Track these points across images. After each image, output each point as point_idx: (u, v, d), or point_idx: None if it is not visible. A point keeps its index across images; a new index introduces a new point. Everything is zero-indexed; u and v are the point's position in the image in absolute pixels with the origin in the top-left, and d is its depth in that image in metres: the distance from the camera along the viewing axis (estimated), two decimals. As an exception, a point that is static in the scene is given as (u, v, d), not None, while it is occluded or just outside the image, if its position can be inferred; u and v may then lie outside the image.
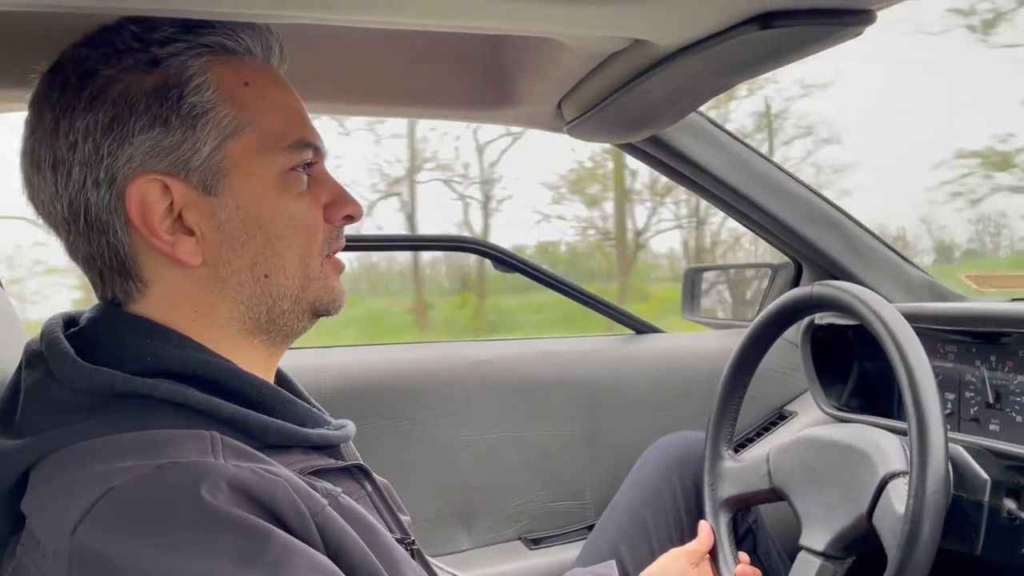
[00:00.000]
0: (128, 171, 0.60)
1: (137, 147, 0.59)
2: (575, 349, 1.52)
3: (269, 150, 0.63)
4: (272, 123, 0.64)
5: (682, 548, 1.04)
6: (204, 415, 0.58)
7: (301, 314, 0.67)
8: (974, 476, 0.90)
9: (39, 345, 0.62)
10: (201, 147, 0.61)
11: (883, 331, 0.86)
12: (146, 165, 0.60)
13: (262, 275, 0.64)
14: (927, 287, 1.46)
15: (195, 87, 0.61)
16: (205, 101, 0.61)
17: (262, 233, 0.63)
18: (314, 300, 0.67)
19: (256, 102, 0.63)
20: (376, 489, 0.69)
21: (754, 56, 0.75)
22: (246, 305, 0.64)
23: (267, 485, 0.53)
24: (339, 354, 1.40)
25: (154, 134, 0.60)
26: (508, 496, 1.42)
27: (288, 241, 0.64)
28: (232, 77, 0.63)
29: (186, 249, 0.61)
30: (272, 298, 0.65)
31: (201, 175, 0.61)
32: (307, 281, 0.66)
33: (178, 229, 0.61)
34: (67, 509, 0.51)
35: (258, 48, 0.65)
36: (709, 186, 1.36)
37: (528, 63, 1.00)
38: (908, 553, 0.77)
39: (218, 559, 0.49)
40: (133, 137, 0.59)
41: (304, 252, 0.65)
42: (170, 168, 0.60)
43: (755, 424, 1.54)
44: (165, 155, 0.60)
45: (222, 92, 0.62)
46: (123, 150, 0.59)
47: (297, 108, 0.67)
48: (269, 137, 0.63)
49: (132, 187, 0.60)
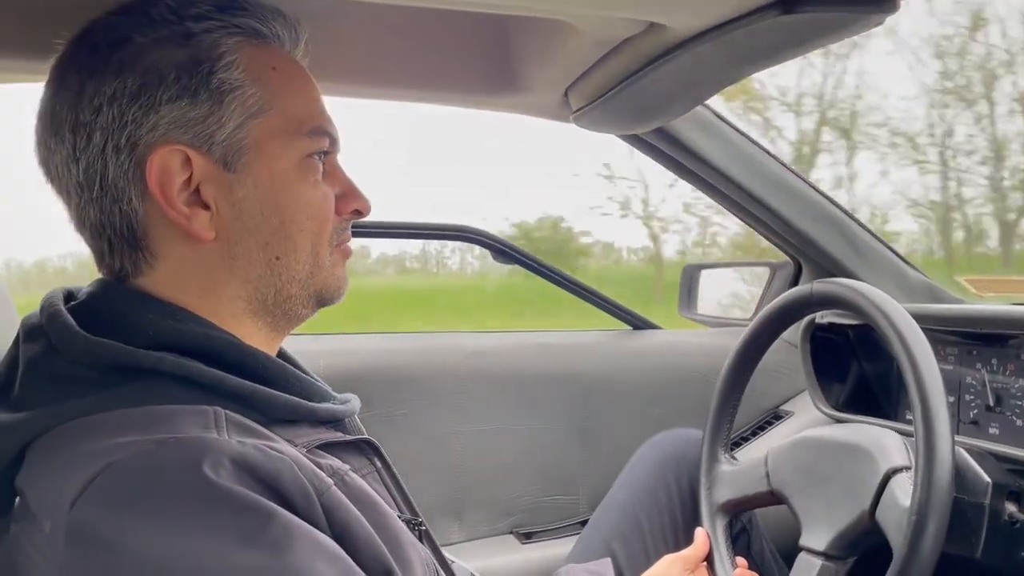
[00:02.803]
0: (151, 139, 0.60)
1: (163, 116, 0.60)
2: (571, 343, 1.51)
3: (291, 134, 0.64)
4: (295, 108, 0.64)
5: (678, 554, 1.03)
6: (208, 389, 0.57)
7: (307, 300, 0.68)
8: (975, 478, 0.90)
9: (39, 318, 0.61)
10: (226, 123, 0.61)
11: (885, 322, 0.85)
12: (170, 135, 0.60)
13: (273, 256, 0.64)
14: (926, 290, 1.46)
15: (225, 64, 0.61)
16: (233, 79, 0.61)
17: (277, 215, 0.63)
18: (321, 287, 0.68)
19: (281, 86, 0.64)
20: (386, 465, 0.68)
21: (771, 43, 0.74)
22: (254, 285, 0.64)
23: (272, 463, 0.52)
24: (333, 341, 1.39)
25: (181, 105, 0.60)
26: (501, 489, 1.41)
27: (302, 226, 0.65)
28: (261, 60, 0.64)
29: (201, 223, 0.61)
30: (281, 280, 0.65)
31: (223, 150, 0.61)
32: (316, 268, 0.67)
33: (194, 202, 0.61)
34: (65, 484, 0.50)
35: (286, 38, 0.67)
36: (712, 180, 1.36)
37: (537, 49, 0.99)
38: (915, 545, 0.76)
39: (219, 537, 0.48)
40: (160, 106, 0.59)
41: (316, 239, 0.66)
42: (193, 140, 0.61)
43: (750, 424, 1.54)
44: (190, 127, 0.60)
45: (251, 73, 0.62)
46: (148, 118, 0.59)
47: (317, 97, 0.68)
48: (291, 121, 0.64)
49: (154, 156, 0.60)
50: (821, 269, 1.47)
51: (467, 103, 1.17)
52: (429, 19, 0.98)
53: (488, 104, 1.17)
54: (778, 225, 1.42)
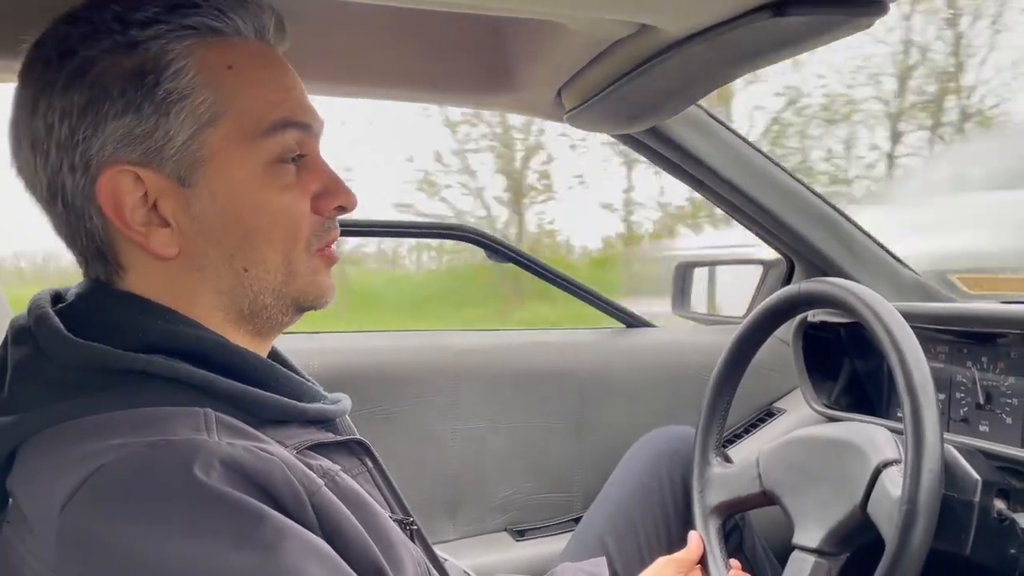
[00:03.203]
0: (101, 159, 0.57)
1: (110, 134, 0.57)
2: (564, 341, 1.52)
3: (249, 138, 0.60)
4: (253, 106, 0.60)
5: (672, 557, 1.03)
6: (199, 391, 0.57)
7: (285, 309, 0.65)
8: (965, 476, 0.90)
9: (27, 321, 0.60)
10: (175, 136, 0.58)
11: (874, 320, 0.86)
12: (118, 154, 0.57)
13: (241, 269, 0.62)
14: (918, 287, 1.47)
15: (174, 72, 0.58)
16: (183, 87, 0.58)
17: (240, 227, 0.60)
18: (298, 296, 0.65)
19: (238, 86, 0.60)
20: (377, 465, 0.68)
21: (763, 45, 0.74)
22: (227, 296, 0.62)
23: (262, 464, 0.52)
24: (327, 340, 1.39)
25: (127, 121, 0.57)
26: (494, 487, 1.41)
27: (269, 235, 0.61)
28: (216, 60, 0.60)
29: (160, 241, 0.59)
30: (253, 292, 0.63)
31: (175, 165, 0.58)
32: (291, 277, 0.64)
33: (154, 219, 0.59)
34: (56, 487, 0.50)
35: (249, 28, 0.62)
36: (705, 179, 1.36)
37: (530, 48, 0.99)
38: (906, 534, 0.76)
39: (210, 539, 0.48)
40: (107, 123, 0.57)
41: (287, 247, 0.63)
42: (143, 157, 0.58)
43: (743, 421, 1.55)
44: (138, 143, 0.58)
45: (203, 77, 0.59)
46: (97, 136, 0.57)
47: (286, 85, 0.63)
48: (249, 123, 0.60)
49: (103, 176, 0.57)
50: (813, 267, 1.47)
51: (460, 102, 1.18)
52: (422, 19, 0.98)
53: (481, 103, 1.18)
54: (771, 223, 1.42)
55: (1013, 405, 1.08)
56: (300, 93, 0.65)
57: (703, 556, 1.04)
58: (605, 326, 1.60)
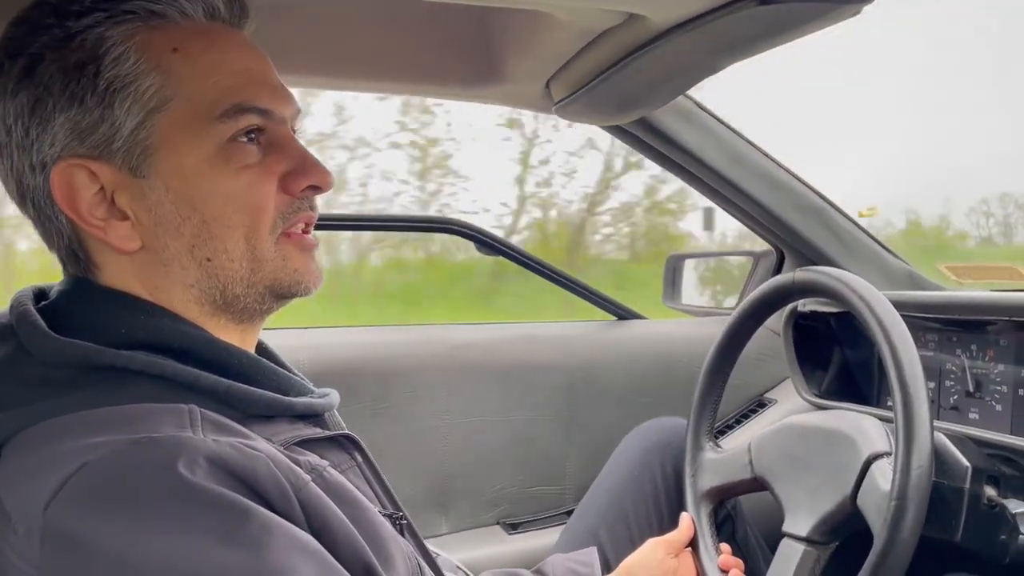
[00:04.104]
0: (52, 156, 0.57)
1: (58, 130, 0.56)
2: (555, 334, 1.52)
3: (201, 122, 0.58)
4: (203, 91, 0.58)
5: (662, 538, 1.03)
6: (184, 387, 0.56)
7: (260, 297, 0.63)
8: (955, 463, 0.90)
9: (8, 318, 0.59)
10: (121, 125, 0.57)
11: (865, 309, 0.86)
12: (68, 149, 0.57)
13: (204, 258, 0.60)
14: (907, 277, 1.47)
15: (113, 59, 0.56)
16: (125, 74, 0.56)
17: (196, 214, 0.59)
18: (271, 283, 0.62)
19: (185, 69, 0.58)
20: (366, 460, 0.67)
21: (750, 34, 0.74)
22: (197, 288, 0.61)
23: (247, 460, 0.51)
24: (317, 335, 1.38)
25: (72, 115, 0.56)
26: (487, 480, 1.41)
27: (226, 221, 0.59)
28: (159, 44, 0.57)
29: (119, 234, 0.58)
30: (220, 282, 0.61)
31: (125, 156, 0.57)
32: (257, 264, 0.61)
33: (113, 213, 0.58)
34: (40, 485, 0.49)
35: (197, 9, 0.59)
36: (695, 170, 1.36)
37: (517, 40, 0.98)
38: (895, 529, 0.77)
39: (195, 536, 0.47)
40: (54, 119, 0.56)
41: (250, 232, 0.60)
42: (91, 151, 0.57)
43: (735, 411, 1.55)
44: (85, 137, 0.57)
45: (147, 62, 0.57)
46: (47, 134, 0.56)
47: (242, 69, 0.60)
48: (200, 107, 0.58)
49: (55, 173, 0.57)
50: (803, 258, 1.48)
51: (448, 94, 1.17)
52: (409, 10, 0.98)
53: (469, 95, 1.16)
54: (760, 214, 1.42)
55: (1002, 392, 1.08)
56: (260, 75, 0.62)
57: (694, 540, 1.04)
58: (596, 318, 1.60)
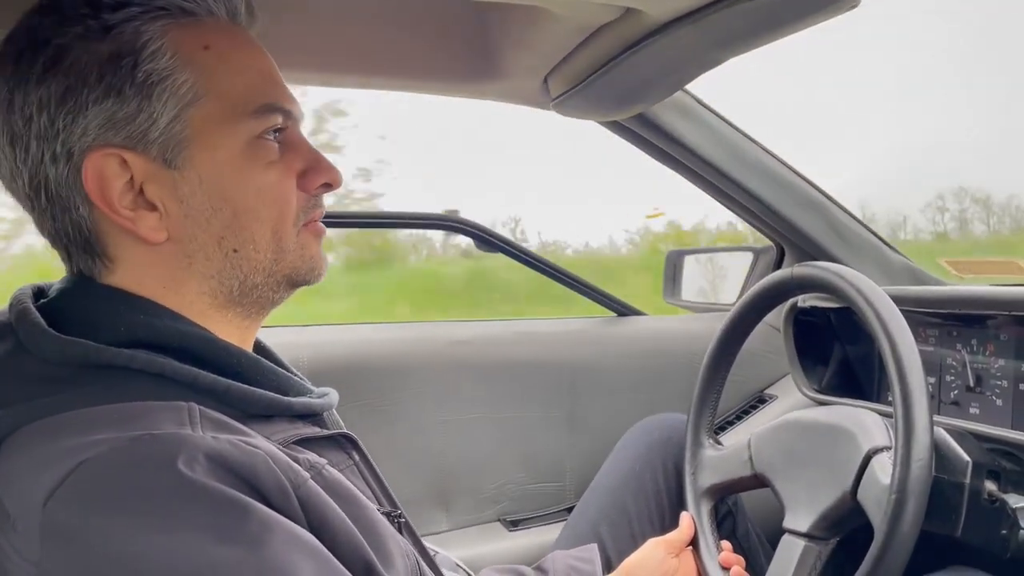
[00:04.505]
0: (84, 145, 0.57)
1: (91, 119, 0.57)
2: (555, 331, 1.51)
3: (232, 117, 0.60)
4: (235, 88, 0.60)
5: (662, 538, 1.03)
6: (183, 386, 0.56)
7: (276, 286, 0.65)
8: (955, 458, 0.90)
9: (8, 316, 0.59)
10: (158, 117, 0.58)
11: (864, 304, 0.86)
12: (101, 138, 0.57)
13: (230, 249, 0.61)
14: (907, 272, 1.47)
15: (150, 54, 0.57)
16: (161, 68, 0.57)
17: (228, 206, 0.60)
18: (290, 272, 0.65)
19: (217, 66, 0.60)
20: (364, 459, 0.67)
21: (748, 27, 0.74)
22: (216, 280, 0.62)
23: (247, 457, 0.51)
24: (316, 333, 1.38)
25: (108, 105, 0.57)
26: (487, 477, 1.41)
27: (257, 214, 0.61)
28: (191, 41, 0.59)
29: (148, 225, 0.59)
30: (243, 272, 0.63)
31: (160, 147, 0.58)
32: (281, 254, 0.64)
33: (141, 204, 0.59)
34: (38, 482, 0.49)
35: (221, 9, 0.62)
36: (694, 166, 1.35)
37: (515, 35, 0.98)
38: (895, 523, 0.76)
39: (195, 533, 0.47)
40: (87, 109, 0.56)
41: (277, 224, 0.63)
42: (127, 141, 0.58)
43: (735, 408, 1.55)
44: (121, 127, 0.57)
45: (180, 58, 0.58)
46: (77, 123, 0.57)
47: (265, 70, 0.64)
48: (231, 104, 0.60)
49: (88, 162, 0.57)
50: (803, 253, 1.47)
51: (446, 91, 1.17)
52: (406, 6, 0.98)
53: (467, 92, 1.16)
54: (760, 210, 1.42)
55: (1003, 387, 1.08)
56: (277, 76, 0.65)
57: (694, 537, 1.04)
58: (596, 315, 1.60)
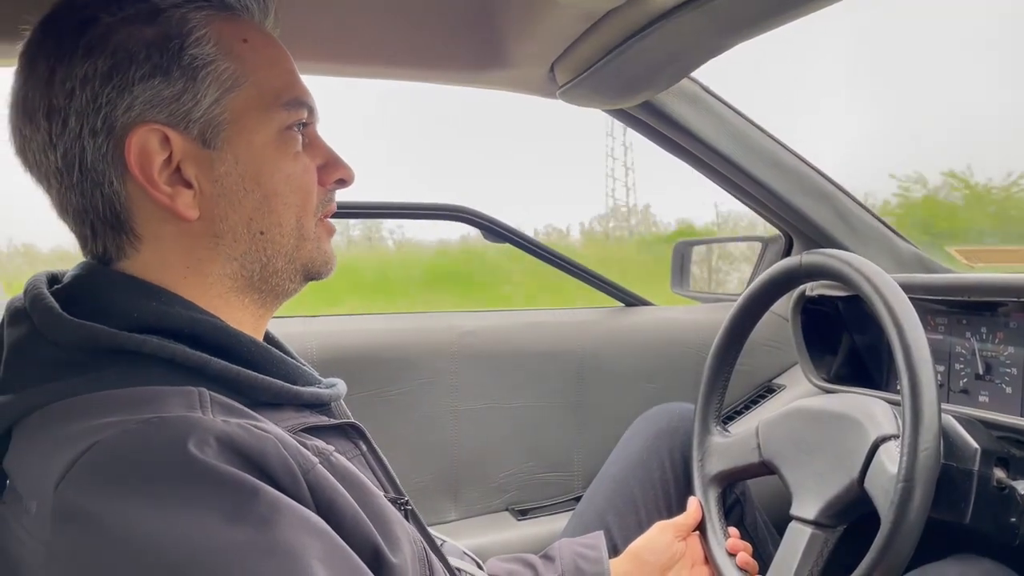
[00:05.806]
0: (128, 120, 0.59)
1: (137, 96, 0.59)
2: (563, 321, 1.51)
3: (266, 107, 0.63)
4: (269, 80, 0.64)
5: (670, 521, 1.04)
6: (193, 372, 0.57)
7: (293, 274, 0.67)
8: (964, 445, 0.90)
9: (22, 302, 0.60)
10: (201, 99, 0.60)
11: (872, 291, 0.85)
12: (146, 115, 0.59)
13: (258, 231, 0.64)
14: (916, 260, 1.46)
15: (196, 39, 0.60)
16: (205, 54, 0.60)
17: (260, 189, 0.63)
18: (307, 261, 0.67)
19: (254, 59, 0.63)
20: (371, 449, 0.68)
21: (756, 11, 0.74)
22: (239, 262, 0.64)
23: (256, 441, 0.52)
24: (325, 323, 1.39)
25: (155, 83, 0.59)
26: (495, 467, 1.41)
27: (285, 199, 0.64)
28: (231, 33, 0.63)
29: (184, 202, 0.61)
30: (267, 255, 0.65)
31: (201, 127, 0.61)
32: (302, 241, 0.66)
33: (176, 181, 0.61)
34: (50, 465, 0.50)
35: (256, 9, 0.66)
36: (702, 155, 1.35)
37: (521, 23, 0.98)
38: (902, 512, 0.76)
39: (205, 514, 0.47)
40: (133, 86, 0.58)
41: (300, 211, 0.66)
42: (170, 119, 0.60)
43: (743, 397, 1.55)
44: (165, 105, 0.59)
45: (222, 46, 0.61)
46: (123, 99, 0.58)
47: (292, 68, 0.67)
48: (267, 94, 0.63)
49: (132, 136, 0.59)
50: (812, 242, 1.47)
51: (453, 80, 1.16)
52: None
53: (474, 81, 1.16)
54: (769, 199, 1.41)
55: (1012, 375, 1.07)
56: (298, 73, 0.68)
57: (701, 523, 1.04)
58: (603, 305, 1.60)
